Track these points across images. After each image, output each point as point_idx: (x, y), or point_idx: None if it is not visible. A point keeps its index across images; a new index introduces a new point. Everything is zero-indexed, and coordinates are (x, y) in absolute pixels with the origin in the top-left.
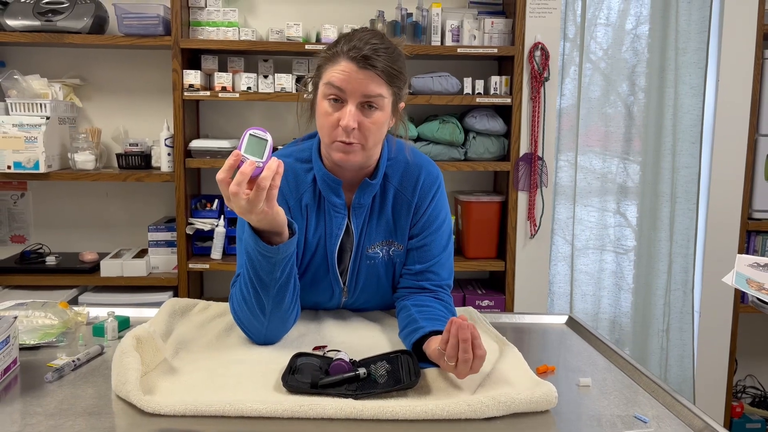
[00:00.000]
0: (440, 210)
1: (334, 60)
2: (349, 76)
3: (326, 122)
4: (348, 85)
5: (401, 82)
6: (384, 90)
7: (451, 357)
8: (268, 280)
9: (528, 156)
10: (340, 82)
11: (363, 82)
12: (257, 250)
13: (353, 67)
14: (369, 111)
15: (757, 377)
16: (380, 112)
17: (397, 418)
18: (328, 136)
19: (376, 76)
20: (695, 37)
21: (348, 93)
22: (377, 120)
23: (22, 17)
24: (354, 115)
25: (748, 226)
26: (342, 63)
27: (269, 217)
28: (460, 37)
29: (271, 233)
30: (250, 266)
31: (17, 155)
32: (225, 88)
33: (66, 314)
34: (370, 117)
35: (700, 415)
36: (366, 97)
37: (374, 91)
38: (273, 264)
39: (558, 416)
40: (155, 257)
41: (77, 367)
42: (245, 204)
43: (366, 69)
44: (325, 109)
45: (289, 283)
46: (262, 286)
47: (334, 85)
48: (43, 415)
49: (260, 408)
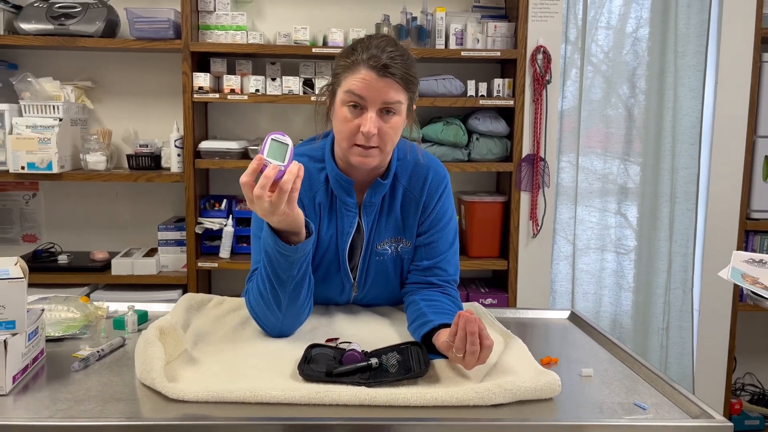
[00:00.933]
0: (447, 208)
1: (354, 68)
2: (369, 84)
3: (346, 128)
4: (369, 92)
5: (415, 86)
6: (402, 96)
7: (459, 349)
8: (285, 277)
9: (530, 157)
10: (360, 90)
11: (383, 90)
12: (276, 249)
13: (373, 75)
14: (387, 116)
15: (755, 375)
16: (398, 117)
17: (408, 404)
18: (347, 141)
19: (395, 83)
20: (694, 40)
21: (368, 100)
22: (395, 124)
23: (36, 21)
24: (374, 121)
25: (747, 226)
26: (362, 71)
27: (290, 219)
28: (463, 41)
29: (289, 233)
30: (268, 263)
31: (31, 156)
32: (233, 90)
33: (87, 308)
34: (388, 122)
35: (697, 402)
36: (385, 104)
37: (393, 97)
38: (291, 262)
39: (561, 404)
40: (165, 256)
41: (101, 357)
42: (268, 206)
43: (386, 77)
44: (345, 115)
45: (304, 280)
46: (279, 283)
47: (354, 93)
48: (73, 401)
49: (278, 395)
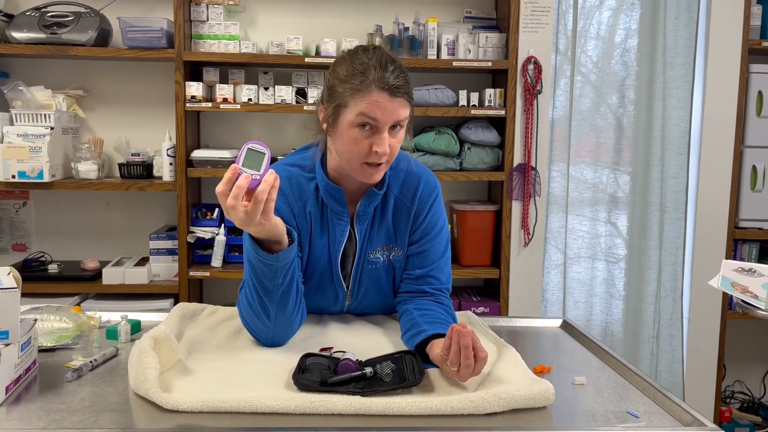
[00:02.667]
0: (438, 217)
1: (365, 92)
2: (383, 106)
3: (357, 149)
4: (383, 115)
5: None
6: (408, 111)
7: (453, 363)
8: (270, 286)
9: (521, 166)
10: (375, 113)
11: (395, 110)
12: (258, 258)
13: (386, 96)
14: (394, 132)
15: (745, 383)
16: (403, 130)
17: (403, 413)
18: (357, 160)
19: (404, 101)
20: (682, 51)
21: (382, 122)
22: (401, 138)
23: (28, 30)
24: (389, 141)
25: (735, 235)
26: (374, 94)
27: (267, 229)
28: (455, 51)
29: (270, 242)
30: (252, 273)
31: (22, 165)
32: (226, 99)
33: (79, 318)
34: (396, 137)
35: (690, 410)
36: (396, 122)
37: (403, 115)
38: (274, 271)
39: (555, 412)
40: (156, 265)
41: (94, 368)
42: (243, 216)
43: (396, 97)
44: (355, 136)
45: (291, 288)
46: (265, 292)
47: (369, 116)
48: (66, 412)
49: (273, 404)
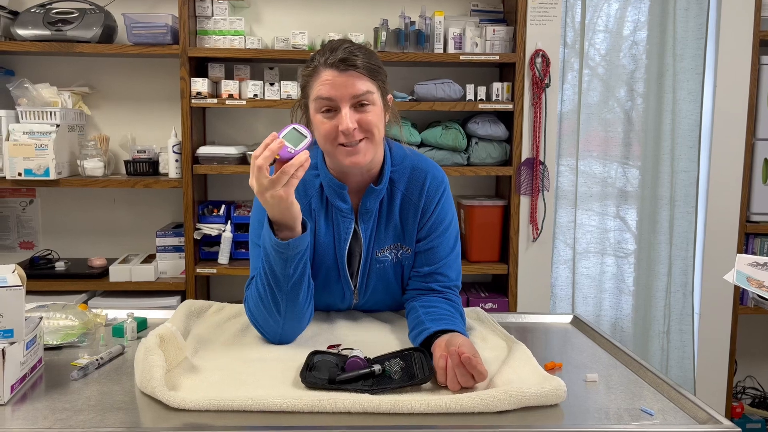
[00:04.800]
0: (446, 213)
1: (315, 74)
2: (333, 82)
3: (324, 131)
4: (336, 91)
5: (383, 76)
6: (369, 85)
7: (452, 388)
8: (281, 276)
9: (530, 161)
10: (327, 92)
11: (348, 84)
12: (272, 245)
13: (335, 73)
14: (362, 108)
15: (756, 378)
16: (373, 107)
17: (412, 411)
18: (331, 144)
19: (359, 74)
20: (692, 43)
21: (338, 99)
22: (374, 113)
23: (33, 27)
24: (351, 116)
25: (747, 229)
26: (323, 73)
27: (285, 204)
28: (462, 45)
29: (284, 226)
30: (266, 261)
31: (28, 162)
32: (232, 95)
33: (85, 316)
34: (366, 113)
35: (705, 407)
36: (356, 98)
37: (361, 89)
38: (285, 260)
39: (567, 410)
40: (163, 262)
41: (100, 366)
42: (266, 182)
43: (347, 71)
44: (320, 121)
45: (302, 281)
46: (276, 283)
47: (323, 97)
48: (72, 411)
49: (281, 403)
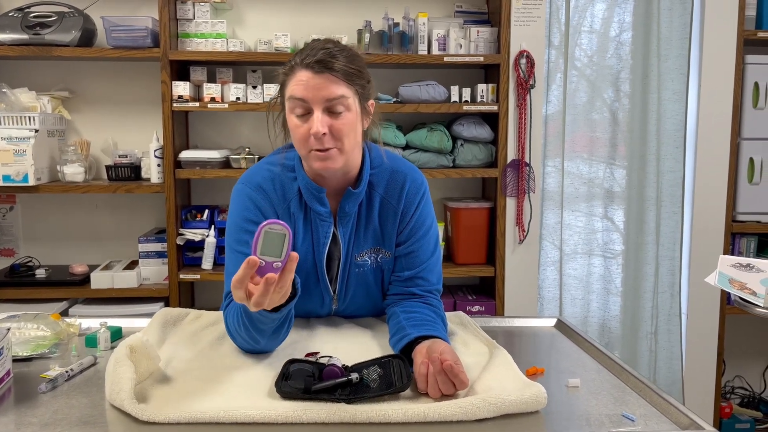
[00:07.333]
0: (426, 216)
1: (292, 72)
2: (307, 83)
3: (298, 135)
4: (308, 93)
5: (363, 80)
6: (345, 90)
7: (433, 395)
8: (264, 328)
9: (515, 162)
10: (300, 92)
11: (322, 86)
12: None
13: (309, 74)
14: (336, 114)
15: (745, 378)
16: (348, 113)
17: (389, 421)
18: (304, 148)
19: (334, 77)
20: (677, 43)
21: (311, 101)
22: (347, 121)
23: (10, 31)
24: (322, 120)
25: (733, 229)
26: (299, 73)
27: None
28: (446, 46)
29: None
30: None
31: (6, 168)
32: (214, 98)
33: (58, 326)
34: (338, 119)
35: (687, 413)
36: (329, 101)
37: (335, 93)
38: (272, 320)
39: (548, 416)
40: (146, 268)
41: (70, 378)
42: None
43: (322, 73)
44: (295, 123)
45: (285, 321)
46: (258, 331)
47: (296, 97)
48: (38, 425)
49: (254, 414)
